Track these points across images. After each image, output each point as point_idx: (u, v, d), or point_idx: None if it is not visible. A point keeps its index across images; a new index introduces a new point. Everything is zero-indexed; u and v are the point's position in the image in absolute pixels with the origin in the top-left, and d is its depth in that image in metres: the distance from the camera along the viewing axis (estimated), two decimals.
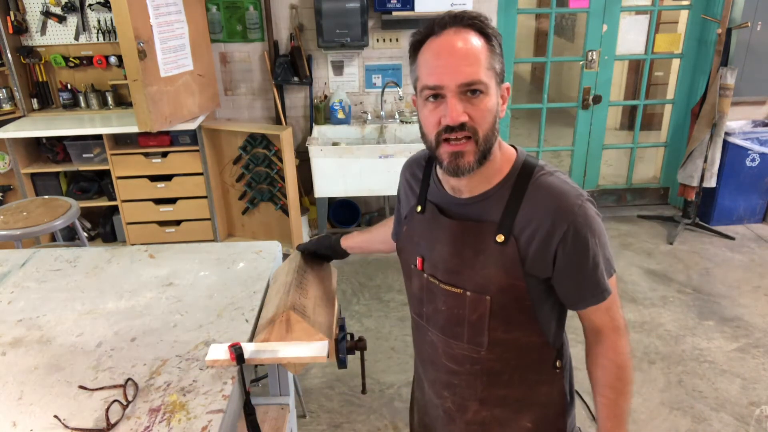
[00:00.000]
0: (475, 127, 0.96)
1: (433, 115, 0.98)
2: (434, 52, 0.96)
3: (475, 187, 1.06)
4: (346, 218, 4.07)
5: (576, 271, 1.03)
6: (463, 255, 1.07)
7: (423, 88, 0.98)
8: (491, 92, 0.97)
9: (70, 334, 1.40)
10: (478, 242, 1.05)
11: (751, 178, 3.97)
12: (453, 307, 1.09)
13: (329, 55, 3.79)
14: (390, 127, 3.84)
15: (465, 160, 0.98)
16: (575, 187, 1.03)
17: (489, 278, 1.03)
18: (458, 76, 0.94)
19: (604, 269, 1.04)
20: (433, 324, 1.16)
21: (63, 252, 1.82)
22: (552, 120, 4.72)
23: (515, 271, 1.02)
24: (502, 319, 1.06)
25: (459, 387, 1.18)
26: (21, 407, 1.15)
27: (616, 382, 1.09)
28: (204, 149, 3.43)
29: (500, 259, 1.02)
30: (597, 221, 1.03)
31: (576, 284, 1.05)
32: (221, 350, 1.27)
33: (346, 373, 2.60)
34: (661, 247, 3.81)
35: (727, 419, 2.36)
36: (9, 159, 3.49)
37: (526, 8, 6.26)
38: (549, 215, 0.99)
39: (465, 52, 0.94)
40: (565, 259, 1.01)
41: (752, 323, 2.98)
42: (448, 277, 1.09)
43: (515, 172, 1.05)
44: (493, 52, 0.97)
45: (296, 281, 1.39)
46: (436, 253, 1.11)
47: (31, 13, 3.51)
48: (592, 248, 1.01)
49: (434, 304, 1.13)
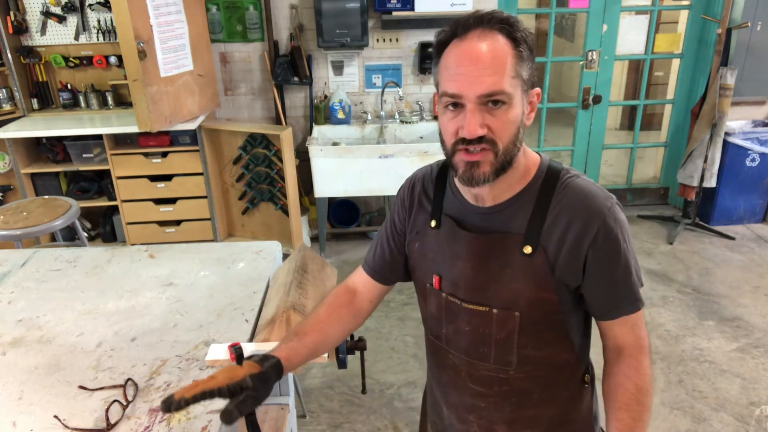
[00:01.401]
0: (495, 140, 0.91)
1: (452, 123, 0.92)
2: (456, 58, 0.90)
3: (498, 195, 1.00)
4: (346, 218, 4.07)
5: (608, 275, 0.97)
6: (487, 270, 1.00)
7: (443, 95, 0.92)
8: (515, 102, 0.91)
9: (70, 334, 1.40)
10: (504, 255, 0.99)
11: (751, 178, 3.97)
12: (478, 327, 1.03)
13: (329, 55, 3.79)
14: (390, 127, 3.84)
15: (481, 170, 0.92)
16: (603, 190, 0.99)
17: (518, 293, 0.98)
18: (479, 87, 0.88)
19: (636, 277, 0.99)
20: (454, 346, 1.09)
21: (63, 252, 1.82)
22: (552, 120, 4.72)
23: (546, 282, 0.96)
24: (532, 336, 1.01)
25: (486, 410, 1.11)
26: (21, 407, 1.15)
27: (635, 405, 0.99)
28: (204, 149, 3.43)
29: (529, 271, 0.97)
30: (627, 225, 0.99)
31: (608, 290, 0.99)
32: (221, 350, 1.27)
33: (346, 373, 2.60)
34: (661, 247, 3.81)
35: (727, 419, 2.36)
36: (9, 159, 3.49)
37: (526, 8, 6.25)
38: (578, 218, 0.95)
39: (489, 59, 0.88)
40: (596, 263, 0.96)
41: (752, 323, 2.98)
42: (472, 295, 1.02)
43: (540, 178, 0.99)
44: (521, 58, 0.90)
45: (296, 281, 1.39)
46: (456, 271, 1.04)
47: (31, 13, 3.51)
48: (624, 252, 0.97)
49: (455, 324, 1.06)
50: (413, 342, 2.85)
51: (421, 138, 3.83)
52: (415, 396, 2.53)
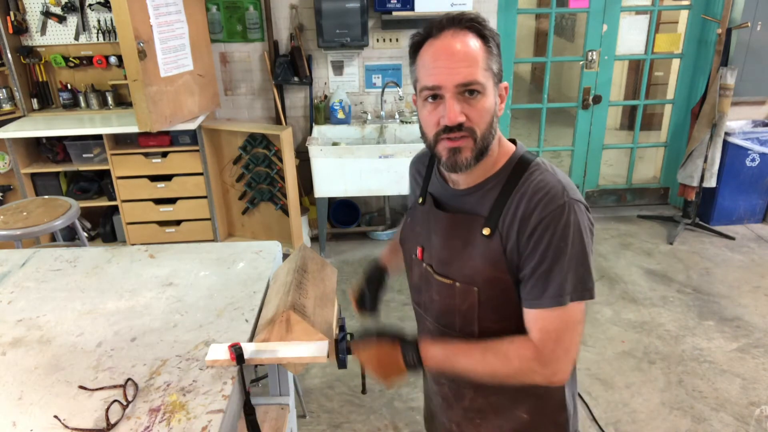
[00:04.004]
0: (473, 127, 0.99)
1: (432, 115, 1.00)
2: (432, 54, 0.99)
3: (471, 180, 1.08)
4: (346, 218, 4.07)
5: (535, 262, 0.99)
6: (453, 247, 1.10)
7: (422, 89, 1.00)
8: (488, 92, 0.99)
9: (70, 334, 1.40)
10: (467, 234, 1.07)
11: (751, 178, 3.97)
12: (445, 297, 1.12)
13: (329, 55, 3.79)
14: (390, 127, 3.84)
15: (462, 156, 1.00)
16: (567, 187, 1.01)
17: (476, 270, 1.06)
18: (456, 77, 0.96)
19: (567, 279, 0.99)
20: (429, 313, 1.19)
21: (63, 252, 1.82)
22: (552, 120, 4.72)
23: (500, 264, 1.03)
24: (490, 310, 1.07)
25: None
26: (21, 407, 1.15)
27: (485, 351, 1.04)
28: (204, 149, 3.43)
29: (486, 252, 1.04)
30: (580, 228, 0.99)
31: (528, 278, 1.01)
32: (221, 350, 1.27)
33: (346, 373, 2.60)
34: (661, 247, 3.81)
35: (727, 419, 2.36)
36: (9, 159, 3.49)
37: (526, 8, 6.26)
38: (531, 208, 0.99)
39: (463, 53, 0.97)
40: (529, 248, 0.99)
41: (752, 323, 2.98)
42: (441, 268, 1.12)
43: (510, 167, 1.06)
44: (491, 53, 0.99)
45: (296, 281, 1.39)
46: (432, 244, 1.15)
47: (31, 13, 3.51)
48: (557, 247, 0.97)
49: (429, 293, 1.17)
50: None
51: (421, 138, 3.83)
52: (415, 396, 2.53)
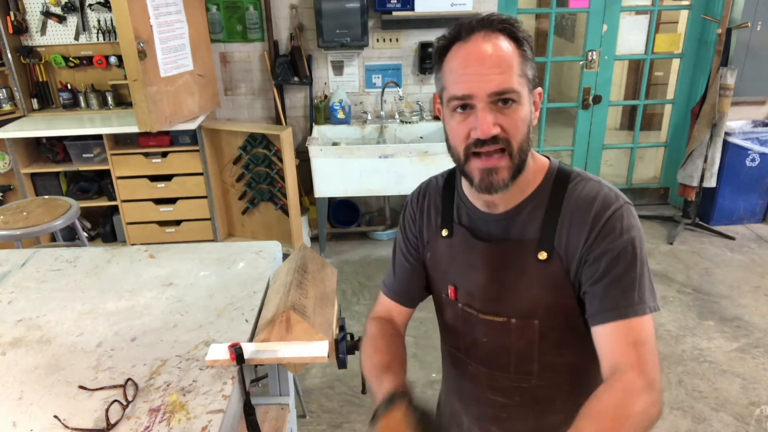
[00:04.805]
0: (508, 139, 0.89)
1: (462, 127, 0.90)
2: (462, 59, 0.88)
3: (509, 200, 0.97)
4: (346, 218, 4.07)
5: (604, 269, 0.89)
6: (503, 280, 0.98)
7: (450, 99, 0.90)
8: (524, 100, 0.89)
9: (70, 334, 1.40)
10: (520, 263, 0.96)
11: (751, 178, 3.97)
12: (496, 337, 1.01)
13: (329, 55, 3.79)
14: (390, 127, 3.84)
15: (499, 177, 0.90)
16: (617, 192, 0.95)
17: (536, 301, 0.95)
18: (489, 85, 0.86)
19: (645, 285, 0.89)
20: (473, 357, 1.07)
21: (63, 252, 1.82)
22: (552, 120, 4.72)
23: (563, 288, 0.93)
24: (552, 343, 0.98)
25: (508, 420, 1.09)
26: (21, 407, 1.15)
27: (604, 420, 0.80)
28: (204, 149, 3.43)
29: (546, 277, 0.94)
30: (639, 230, 0.92)
31: (602, 287, 0.90)
32: (221, 350, 1.27)
33: (346, 373, 2.60)
34: (661, 247, 3.80)
35: (727, 419, 2.36)
36: (9, 159, 3.49)
37: (526, 8, 6.25)
38: (587, 219, 0.91)
39: (496, 58, 0.87)
40: (595, 257, 0.90)
41: (752, 323, 2.98)
42: (488, 306, 1.00)
43: (549, 181, 0.97)
44: (525, 58, 0.90)
45: (296, 281, 1.39)
46: (471, 281, 1.02)
47: (31, 13, 3.51)
48: (626, 250, 0.89)
49: (473, 335, 1.04)
50: (413, 342, 2.85)
51: (421, 138, 3.84)
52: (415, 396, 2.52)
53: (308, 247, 1.61)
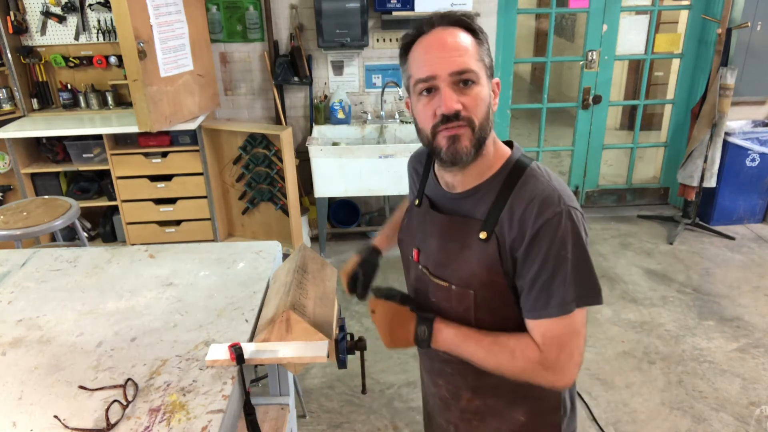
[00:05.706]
0: (470, 116, 0.98)
1: (428, 108, 0.99)
2: (424, 48, 0.99)
3: (467, 183, 1.07)
4: (346, 218, 4.07)
5: (533, 273, 0.98)
6: (449, 249, 1.09)
7: (416, 83, 1.00)
8: (483, 82, 0.99)
9: (70, 334, 1.40)
10: (464, 238, 1.07)
11: (751, 178, 3.97)
12: (441, 300, 1.12)
13: (329, 55, 3.79)
14: (390, 127, 3.84)
15: (462, 144, 0.99)
16: (563, 194, 1.00)
17: (472, 273, 1.05)
18: (450, 65, 0.96)
19: (571, 287, 0.97)
20: None
21: (63, 252, 1.82)
22: (552, 120, 4.72)
23: (496, 267, 1.02)
24: (487, 312, 1.07)
25: (452, 375, 1.21)
26: (21, 407, 1.15)
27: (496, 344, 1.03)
28: (204, 149, 3.43)
29: (482, 255, 1.03)
30: (578, 235, 0.98)
31: (529, 289, 1.00)
32: (221, 350, 1.27)
33: (346, 373, 2.60)
34: (661, 247, 3.81)
35: (727, 419, 2.36)
36: (9, 159, 3.49)
37: (526, 8, 6.26)
38: (528, 217, 0.98)
39: (454, 44, 0.97)
40: (526, 258, 0.99)
41: (752, 323, 2.98)
42: (437, 270, 1.12)
43: (506, 170, 1.05)
44: (482, 46, 1.00)
45: (296, 281, 1.39)
46: (428, 246, 1.15)
47: (31, 13, 3.51)
48: (557, 255, 0.97)
49: (426, 295, 1.16)
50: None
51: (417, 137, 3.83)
52: (415, 396, 2.53)
53: (308, 247, 1.61)
